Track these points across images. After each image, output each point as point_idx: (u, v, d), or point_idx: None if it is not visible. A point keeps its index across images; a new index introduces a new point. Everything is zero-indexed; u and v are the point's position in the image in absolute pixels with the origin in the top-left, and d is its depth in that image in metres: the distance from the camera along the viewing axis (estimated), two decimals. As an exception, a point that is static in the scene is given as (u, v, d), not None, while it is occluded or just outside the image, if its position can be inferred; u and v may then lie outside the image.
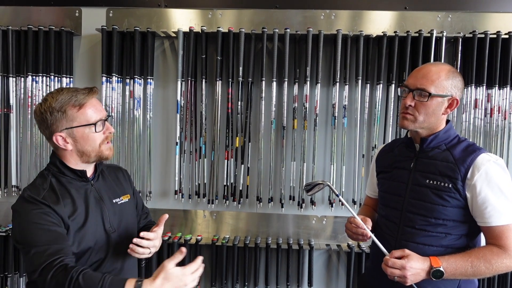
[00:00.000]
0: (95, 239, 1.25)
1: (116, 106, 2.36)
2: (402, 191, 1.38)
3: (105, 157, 1.29)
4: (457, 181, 1.27)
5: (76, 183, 1.28)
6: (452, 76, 1.31)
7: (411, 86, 1.32)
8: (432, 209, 1.30)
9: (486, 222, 1.25)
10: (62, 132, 1.21)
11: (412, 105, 1.31)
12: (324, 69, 2.32)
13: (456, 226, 1.30)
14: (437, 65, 1.34)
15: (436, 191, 1.30)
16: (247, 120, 2.33)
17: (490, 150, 2.24)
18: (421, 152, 1.37)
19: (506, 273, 2.24)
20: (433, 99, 1.29)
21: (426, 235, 1.32)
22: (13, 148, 2.40)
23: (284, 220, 2.41)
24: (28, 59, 2.33)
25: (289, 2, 2.33)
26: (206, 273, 2.47)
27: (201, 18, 2.35)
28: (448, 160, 1.30)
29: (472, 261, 1.23)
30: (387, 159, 1.50)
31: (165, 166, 2.46)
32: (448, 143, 1.34)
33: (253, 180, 2.39)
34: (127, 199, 1.41)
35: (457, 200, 1.28)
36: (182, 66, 2.31)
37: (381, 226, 1.47)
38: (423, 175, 1.34)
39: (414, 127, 1.34)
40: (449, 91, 1.30)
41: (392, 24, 2.29)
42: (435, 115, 1.31)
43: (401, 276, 1.21)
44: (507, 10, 2.26)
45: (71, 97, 1.21)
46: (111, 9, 2.38)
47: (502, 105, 2.23)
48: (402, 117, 1.35)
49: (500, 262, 1.22)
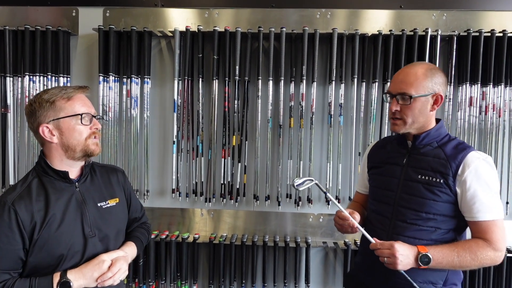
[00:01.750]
0: (69, 244, 1.21)
1: (113, 106, 2.37)
2: (394, 186, 1.42)
3: (90, 152, 1.26)
4: (448, 177, 1.31)
5: (59, 184, 1.25)
6: (431, 74, 1.34)
7: (393, 92, 1.37)
8: (424, 203, 1.34)
9: (474, 217, 1.30)
10: (49, 123, 1.21)
11: (398, 109, 1.35)
12: (320, 67, 2.34)
13: (445, 221, 1.34)
14: (414, 66, 1.37)
15: (427, 186, 1.34)
16: (243, 119, 2.34)
17: (485, 148, 2.26)
18: (414, 148, 1.41)
19: (490, 267, 2.27)
20: (416, 100, 1.33)
21: (417, 229, 1.35)
22: (10, 148, 2.41)
23: (281, 218, 2.43)
24: (25, 59, 2.33)
25: (285, 1, 2.35)
26: (204, 271, 2.48)
27: (198, 17, 2.37)
28: (440, 157, 1.34)
29: (458, 251, 1.28)
30: (380, 155, 1.54)
31: (162, 165, 2.47)
32: (439, 140, 1.39)
33: (250, 178, 2.40)
34: (114, 203, 1.37)
35: (448, 195, 1.32)
36: (179, 65, 2.32)
37: (372, 221, 1.50)
38: (415, 171, 1.37)
39: (405, 129, 1.38)
40: (430, 89, 1.33)
41: (387, 23, 2.30)
42: (422, 114, 1.35)
43: (390, 256, 1.26)
44: (501, 8, 2.28)
45: (61, 90, 1.24)
46: (108, 9, 2.39)
47: (496, 103, 2.25)
48: (392, 123, 1.40)
49: (485, 254, 1.27)
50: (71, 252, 1.22)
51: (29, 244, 1.17)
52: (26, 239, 1.17)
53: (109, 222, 1.34)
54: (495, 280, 2.29)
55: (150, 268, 2.37)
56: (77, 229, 1.24)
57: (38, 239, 1.17)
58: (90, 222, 1.27)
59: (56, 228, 1.20)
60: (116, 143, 2.39)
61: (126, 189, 1.47)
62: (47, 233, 1.18)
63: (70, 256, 1.22)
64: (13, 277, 1.17)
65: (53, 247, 1.19)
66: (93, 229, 1.28)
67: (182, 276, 2.38)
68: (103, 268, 1.22)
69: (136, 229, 1.52)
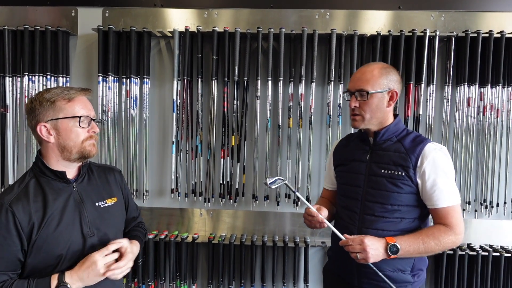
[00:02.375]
0: (68, 244, 1.21)
1: (113, 106, 2.37)
2: (360, 182, 1.49)
3: (87, 153, 1.26)
4: (409, 169, 1.40)
5: (57, 184, 1.25)
6: (385, 72, 1.44)
7: (352, 89, 1.46)
8: (389, 196, 1.42)
9: (434, 205, 1.40)
10: (48, 123, 1.21)
11: (357, 105, 1.45)
12: (319, 68, 2.34)
13: (410, 211, 1.43)
14: (370, 65, 1.48)
15: (391, 180, 1.42)
16: (242, 119, 2.34)
17: (483, 148, 2.28)
18: (375, 144, 1.49)
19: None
20: (372, 96, 1.42)
21: (385, 221, 1.43)
22: (10, 148, 2.41)
23: (280, 218, 2.43)
24: (25, 58, 2.34)
25: (284, 2, 2.35)
26: (203, 271, 2.49)
27: (197, 17, 2.37)
28: (400, 151, 1.43)
29: (423, 238, 1.36)
30: (344, 153, 1.61)
31: (162, 165, 2.48)
32: (398, 135, 1.48)
33: (249, 178, 2.41)
34: (112, 202, 1.37)
35: (410, 186, 1.41)
36: (178, 65, 2.32)
37: (342, 216, 1.56)
38: (378, 166, 1.46)
39: (365, 125, 1.47)
40: (385, 86, 1.43)
41: (386, 24, 2.31)
42: (379, 109, 1.44)
43: (361, 251, 1.32)
44: (499, 9, 2.29)
45: (63, 90, 1.24)
46: (107, 9, 2.39)
47: (494, 104, 2.26)
48: (352, 119, 1.49)
49: (447, 238, 1.37)
50: (70, 252, 1.22)
51: (27, 245, 1.17)
52: (24, 240, 1.17)
53: (108, 221, 1.34)
54: (492, 280, 2.30)
55: (149, 268, 2.37)
56: (75, 229, 1.24)
57: (37, 240, 1.17)
58: (88, 222, 1.27)
59: (55, 229, 1.20)
60: (115, 143, 2.40)
61: (124, 189, 1.48)
62: (45, 234, 1.18)
63: (69, 256, 1.22)
64: (12, 278, 1.17)
65: (52, 248, 1.19)
66: (92, 228, 1.28)
67: (181, 276, 2.38)
68: (98, 269, 1.19)
69: (135, 228, 1.54)
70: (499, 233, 2.36)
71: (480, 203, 2.32)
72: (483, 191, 2.30)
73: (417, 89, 2.26)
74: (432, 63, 2.24)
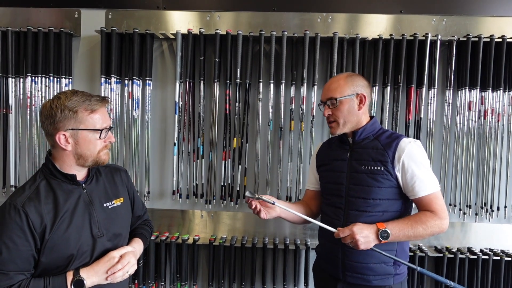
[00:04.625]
0: (78, 245, 1.24)
1: (115, 107, 2.38)
2: (343, 179, 1.58)
3: (102, 161, 1.31)
4: (387, 163, 1.48)
5: (67, 186, 1.27)
6: (351, 79, 1.56)
7: (323, 100, 1.59)
8: (370, 191, 1.50)
9: (416, 195, 1.47)
10: (67, 131, 1.22)
11: (330, 113, 1.56)
12: (320, 71, 2.35)
13: (391, 204, 1.51)
14: (336, 76, 1.62)
15: (371, 175, 1.50)
16: (244, 121, 2.35)
17: (484, 152, 2.29)
18: (354, 143, 1.59)
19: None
20: (342, 102, 1.54)
21: (368, 215, 1.51)
22: (12, 148, 2.42)
23: (281, 220, 2.39)
24: (28, 60, 2.35)
25: (287, 5, 2.36)
26: (204, 273, 2.49)
27: (199, 20, 2.38)
28: (377, 147, 1.52)
29: (411, 224, 1.43)
30: (326, 154, 1.72)
31: (163, 167, 2.48)
32: (375, 133, 1.58)
33: (250, 180, 2.41)
34: (119, 203, 1.40)
35: (389, 180, 1.49)
36: (181, 67, 2.33)
37: (327, 213, 1.64)
38: (358, 163, 1.54)
39: (341, 130, 1.58)
40: (352, 91, 1.54)
41: (387, 27, 2.32)
42: (351, 113, 1.55)
43: (352, 240, 1.38)
44: (500, 14, 2.30)
45: (85, 100, 1.23)
46: (110, 11, 2.41)
47: (495, 108, 2.27)
48: (330, 126, 1.60)
49: (433, 223, 1.43)
50: (80, 252, 1.25)
51: (40, 244, 1.20)
52: (37, 240, 1.19)
53: (116, 221, 1.37)
54: (493, 284, 2.30)
55: (150, 269, 2.38)
56: (85, 229, 1.27)
57: (49, 241, 1.20)
58: (98, 223, 1.30)
59: (65, 229, 1.23)
60: (117, 145, 2.40)
61: (130, 188, 1.50)
62: (57, 235, 1.21)
63: (79, 256, 1.25)
64: (27, 278, 1.19)
65: (63, 248, 1.22)
66: (101, 229, 1.30)
67: (182, 278, 2.39)
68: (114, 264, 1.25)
69: (140, 226, 1.57)
70: (499, 237, 2.36)
71: (481, 207, 2.32)
72: (484, 194, 2.31)
73: (418, 93, 2.27)
74: (434, 67, 2.25)
